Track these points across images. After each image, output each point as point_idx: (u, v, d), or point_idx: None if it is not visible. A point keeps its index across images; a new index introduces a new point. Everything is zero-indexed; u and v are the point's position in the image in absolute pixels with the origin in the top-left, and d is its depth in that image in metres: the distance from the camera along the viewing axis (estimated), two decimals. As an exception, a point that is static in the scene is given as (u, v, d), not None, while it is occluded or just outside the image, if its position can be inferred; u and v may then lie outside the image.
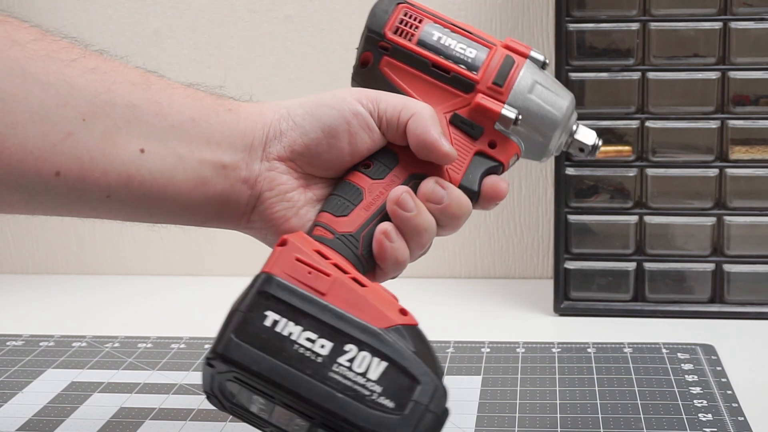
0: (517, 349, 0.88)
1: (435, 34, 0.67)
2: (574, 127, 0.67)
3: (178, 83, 0.64)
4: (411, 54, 0.67)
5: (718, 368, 0.83)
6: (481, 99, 0.65)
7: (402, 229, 0.62)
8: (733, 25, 0.93)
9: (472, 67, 0.66)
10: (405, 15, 0.68)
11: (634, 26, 0.94)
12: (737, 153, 0.95)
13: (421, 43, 0.67)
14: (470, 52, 0.67)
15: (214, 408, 0.77)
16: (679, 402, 0.76)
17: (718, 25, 0.94)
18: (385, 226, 0.62)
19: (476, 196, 0.65)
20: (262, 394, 0.58)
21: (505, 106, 0.65)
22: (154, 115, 0.61)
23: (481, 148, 0.66)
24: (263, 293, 0.58)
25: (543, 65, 0.67)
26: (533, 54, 0.67)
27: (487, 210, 0.68)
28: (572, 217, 0.97)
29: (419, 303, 1.05)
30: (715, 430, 0.72)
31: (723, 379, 0.81)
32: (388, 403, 0.56)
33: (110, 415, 0.77)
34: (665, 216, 0.97)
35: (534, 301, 1.03)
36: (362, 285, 0.59)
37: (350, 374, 0.57)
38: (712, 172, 0.96)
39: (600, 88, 0.96)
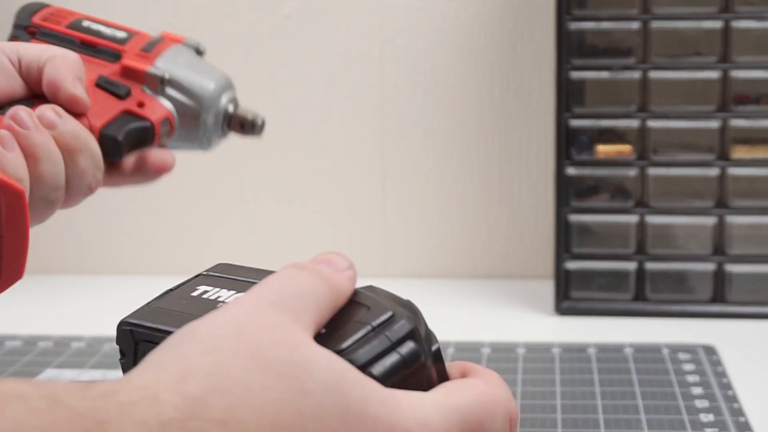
0: (518, 349, 0.88)
1: (85, 22, 0.70)
2: (231, 108, 0.71)
3: None
4: (58, 35, 0.69)
5: (720, 369, 0.83)
6: (128, 61, 0.68)
7: (20, 146, 0.58)
8: (734, 23, 0.93)
9: (120, 41, 0.70)
10: (55, 11, 0.71)
11: (635, 25, 0.94)
12: (739, 152, 0.95)
13: (71, 27, 0.69)
14: (120, 33, 0.70)
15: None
16: (681, 403, 0.76)
17: (719, 23, 0.93)
18: (1, 132, 0.59)
19: (120, 148, 0.65)
20: None
21: (152, 65, 0.68)
22: None
23: (127, 107, 0.66)
24: None
25: (197, 50, 0.71)
26: (188, 41, 0.71)
27: (152, 181, 0.68)
28: (573, 217, 0.97)
29: (419, 303, 1.05)
30: (717, 430, 0.71)
31: (724, 380, 0.80)
32: None
33: (109, 416, 0.76)
34: (666, 216, 0.96)
35: (534, 301, 1.02)
36: None
37: None
38: (714, 171, 0.95)
39: (601, 87, 0.96)
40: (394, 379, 0.45)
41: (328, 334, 0.46)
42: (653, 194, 0.96)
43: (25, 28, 0.70)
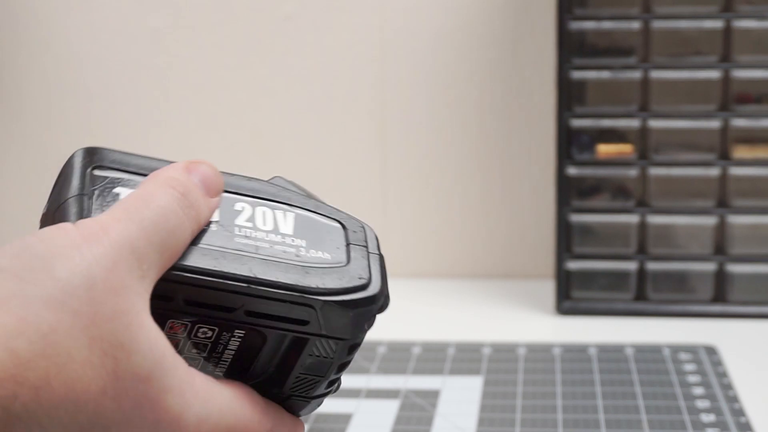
0: (518, 350, 0.88)
1: None
2: None
3: None
4: None
5: (720, 369, 0.82)
6: None
7: None
8: (735, 23, 0.93)
9: None
10: None
11: (636, 24, 0.94)
12: (740, 152, 0.95)
13: None
14: None
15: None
16: (682, 403, 0.76)
17: (720, 23, 0.93)
18: None
19: None
20: None
21: None
22: None
23: None
24: None
25: None
26: None
27: None
28: (574, 217, 0.97)
29: (419, 303, 1.05)
30: (718, 430, 0.71)
31: (725, 380, 0.80)
32: None
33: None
34: (667, 215, 0.96)
35: (535, 300, 1.02)
36: None
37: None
38: (715, 171, 0.95)
39: (601, 86, 0.95)
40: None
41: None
42: (654, 194, 0.96)
43: None
